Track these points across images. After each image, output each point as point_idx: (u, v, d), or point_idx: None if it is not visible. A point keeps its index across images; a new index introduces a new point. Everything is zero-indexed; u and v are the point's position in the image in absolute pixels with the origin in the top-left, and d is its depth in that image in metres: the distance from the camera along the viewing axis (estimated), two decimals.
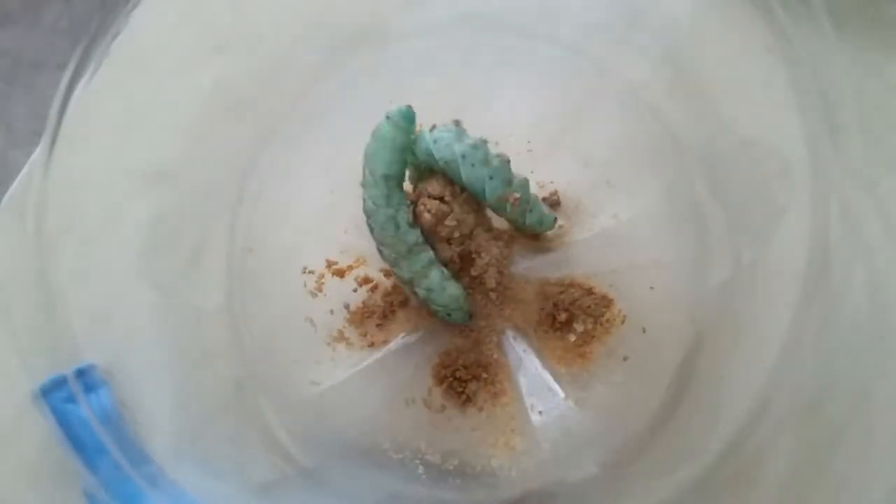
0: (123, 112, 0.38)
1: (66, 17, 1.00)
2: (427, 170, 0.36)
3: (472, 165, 0.34)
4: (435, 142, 0.34)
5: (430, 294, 0.35)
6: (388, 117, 0.33)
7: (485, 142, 0.34)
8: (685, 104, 0.38)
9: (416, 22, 0.41)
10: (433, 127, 0.35)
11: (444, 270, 0.36)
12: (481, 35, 0.41)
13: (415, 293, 0.36)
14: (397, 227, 0.34)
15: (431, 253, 0.36)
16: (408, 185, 0.37)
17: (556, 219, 0.37)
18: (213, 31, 0.40)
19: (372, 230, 0.35)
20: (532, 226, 0.36)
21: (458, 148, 0.34)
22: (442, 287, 0.35)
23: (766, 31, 0.33)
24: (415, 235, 0.35)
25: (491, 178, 0.34)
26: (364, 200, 0.35)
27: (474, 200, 0.37)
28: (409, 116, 0.33)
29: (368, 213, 0.35)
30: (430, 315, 0.38)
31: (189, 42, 0.40)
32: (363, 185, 0.35)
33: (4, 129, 0.99)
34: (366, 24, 0.41)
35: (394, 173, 0.34)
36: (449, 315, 0.36)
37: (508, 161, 0.35)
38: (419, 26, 0.41)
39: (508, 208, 0.35)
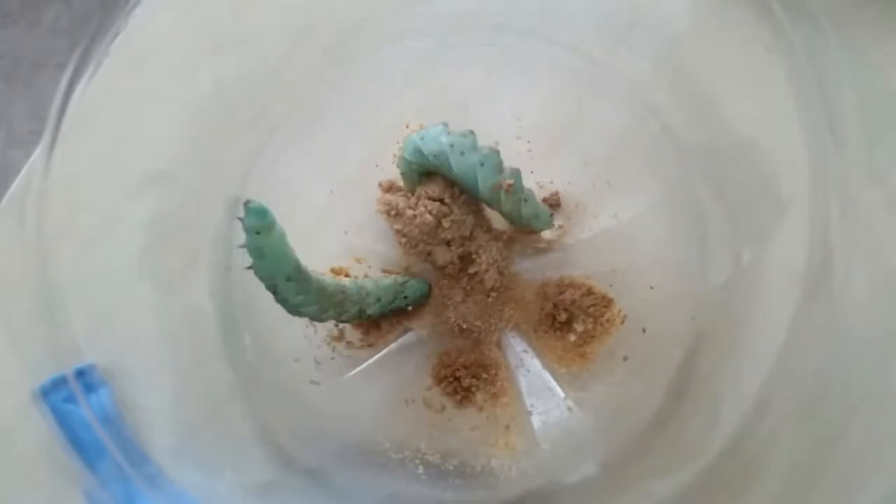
0: (123, 112, 0.38)
1: (66, 17, 1.00)
2: (422, 174, 0.36)
3: (462, 154, 0.34)
4: (422, 138, 0.34)
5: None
6: (257, 233, 0.28)
7: (472, 132, 0.34)
8: (685, 104, 0.38)
9: (415, 22, 0.41)
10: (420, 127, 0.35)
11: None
12: (481, 35, 0.41)
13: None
14: (338, 304, 0.33)
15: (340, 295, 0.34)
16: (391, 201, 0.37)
17: (552, 215, 0.37)
18: (213, 31, 0.40)
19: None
20: (528, 220, 0.36)
21: (446, 139, 0.34)
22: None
23: (766, 31, 0.33)
24: (350, 299, 0.34)
25: (482, 164, 0.34)
26: (284, 303, 0.31)
27: (473, 202, 0.37)
28: (261, 211, 0.28)
29: (294, 309, 0.32)
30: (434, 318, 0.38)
31: (189, 42, 0.40)
32: (272, 291, 0.30)
33: (4, 129, 0.99)
34: (366, 24, 0.41)
35: (296, 263, 0.30)
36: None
37: (498, 151, 0.34)
38: (419, 26, 0.41)
39: (503, 197, 0.35)
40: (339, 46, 0.41)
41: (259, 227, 0.28)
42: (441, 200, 0.36)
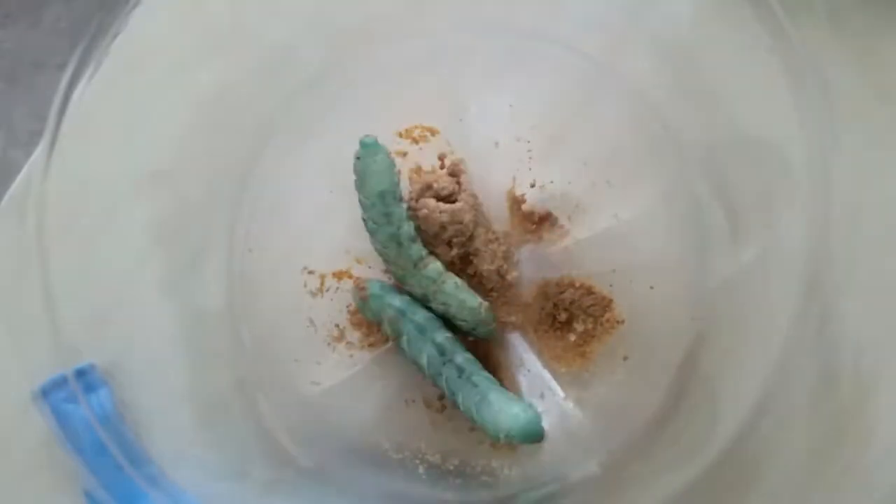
0: (123, 112, 0.38)
1: (66, 17, 1.00)
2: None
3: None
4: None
5: (448, 309, 0.35)
6: (358, 157, 0.34)
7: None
8: (685, 104, 0.38)
9: (416, 22, 0.41)
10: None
11: (459, 281, 0.35)
12: (481, 35, 0.41)
13: (431, 310, 0.36)
14: (399, 244, 0.34)
15: (440, 264, 0.35)
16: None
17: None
18: (212, 31, 0.40)
19: (379, 252, 0.35)
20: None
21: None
22: (460, 300, 0.35)
23: (766, 31, 0.33)
24: (419, 250, 0.35)
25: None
26: (365, 221, 0.35)
27: (474, 200, 0.37)
28: (372, 143, 0.34)
29: (371, 233, 0.35)
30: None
31: (189, 42, 0.40)
32: (362, 207, 0.35)
33: (4, 129, 0.98)
34: (365, 24, 0.41)
35: (388, 188, 0.34)
36: (474, 329, 0.36)
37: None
38: (419, 26, 0.41)
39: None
40: (338, 47, 0.41)
41: (363, 154, 0.34)
42: (442, 199, 0.36)
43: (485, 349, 0.37)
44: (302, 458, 0.37)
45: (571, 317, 0.36)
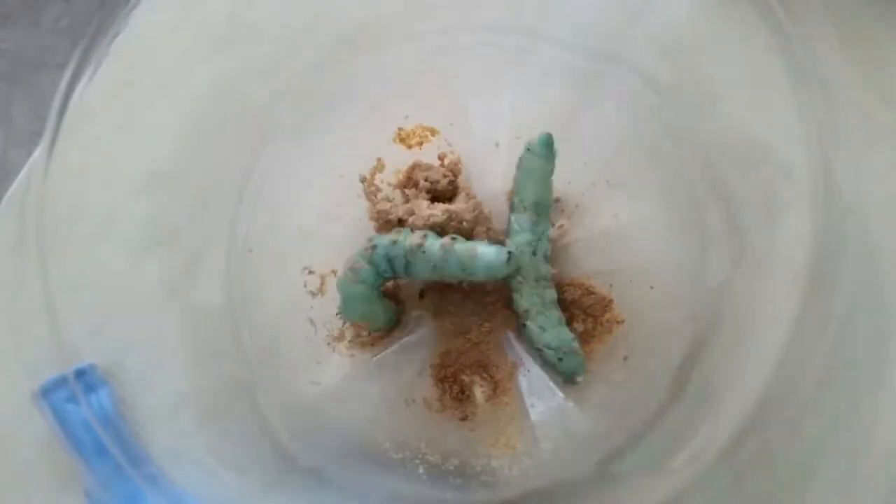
0: (123, 112, 0.38)
1: (66, 17, 1.00)
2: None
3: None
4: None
5: (543, 333, 0.35)
6: (528, 149, 0.35)
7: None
8: (685, 104, 0.38)
9: (416, 22, 0.41)
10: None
11: (563, 316, 0.36)
12: (481, 35, 0.41)
13: (525, 326, 0.36)
14: (534, 253, 0.35)
15: (555, 292, 0.36)
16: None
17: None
18: (213, 30, 0.40)
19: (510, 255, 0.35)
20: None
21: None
22: (557, 330, 0.35)
23: (766, 31, 0.33)
24: (546, 269, 0.35)
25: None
26: (510, 222, 0.36)
27: (474, 197, 0.37)
28: (548, 143, 0.35)
29: (512, 234, 0.35)
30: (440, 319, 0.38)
31: (189, 42, 0.40)
32: (512, 210, 0.36)
33: (4, 129, 0.99)
34: (366, 24, 0.41)
35: (542, 201, 0.35)
36: (560, 360, 0.35)
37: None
38: (419, 27, 0.41)
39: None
40: (338, 47, 0.41)
41: (535, 150, 0.35)
42: (441, 198, 0.36)
43: (485, 350, 0.37)
44: (302, 458, 0.37)
45: (571, 317, 0.36)
